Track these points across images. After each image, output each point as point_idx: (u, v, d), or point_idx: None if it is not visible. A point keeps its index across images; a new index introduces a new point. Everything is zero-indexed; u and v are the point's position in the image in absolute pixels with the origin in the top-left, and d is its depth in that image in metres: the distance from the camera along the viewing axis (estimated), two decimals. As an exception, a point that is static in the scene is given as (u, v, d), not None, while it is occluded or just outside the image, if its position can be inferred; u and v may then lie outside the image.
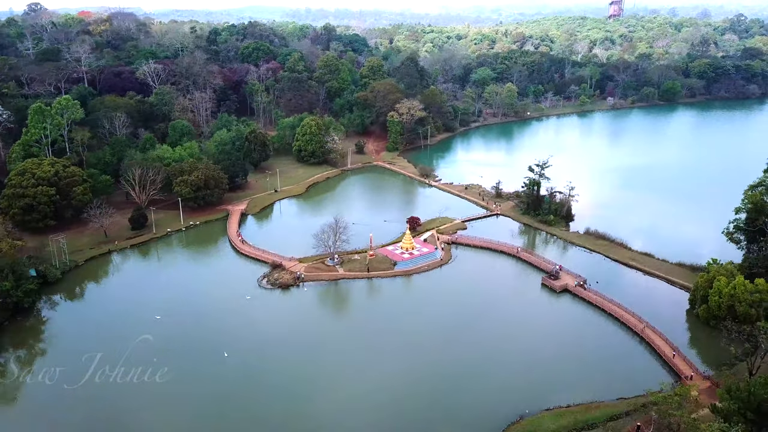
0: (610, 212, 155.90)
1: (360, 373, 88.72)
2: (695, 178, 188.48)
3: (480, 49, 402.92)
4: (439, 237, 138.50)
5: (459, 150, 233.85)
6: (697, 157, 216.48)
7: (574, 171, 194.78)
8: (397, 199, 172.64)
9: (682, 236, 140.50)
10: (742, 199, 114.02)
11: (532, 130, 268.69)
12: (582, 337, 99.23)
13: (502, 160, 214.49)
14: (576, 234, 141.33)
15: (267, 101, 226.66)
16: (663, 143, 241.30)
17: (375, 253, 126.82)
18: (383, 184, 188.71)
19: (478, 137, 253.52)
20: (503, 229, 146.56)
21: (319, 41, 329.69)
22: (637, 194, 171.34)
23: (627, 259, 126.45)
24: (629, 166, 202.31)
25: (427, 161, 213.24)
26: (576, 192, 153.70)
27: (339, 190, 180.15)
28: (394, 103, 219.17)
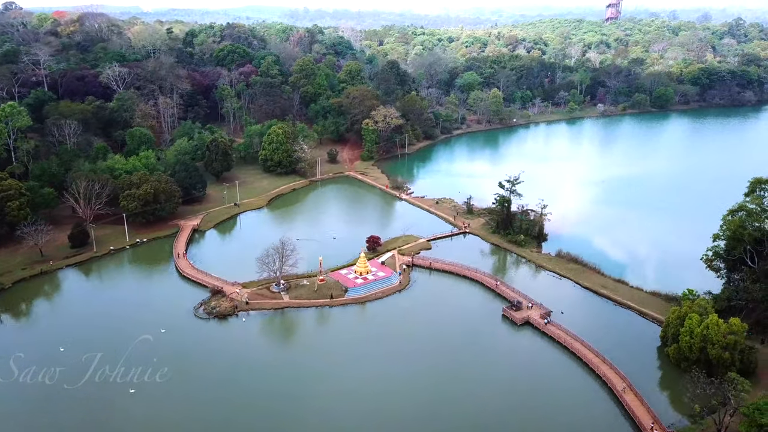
0: (587, 231, 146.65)
1: (294, 419, 79.33)
2: (682, 192, 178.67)
3: (470, 53, 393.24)
4: (400, 258, 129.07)
5: (438, 159, 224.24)
6: (687, 169, 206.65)
7: (555, 183, 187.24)
8: (362, 213, 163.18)
9: (660, 259, 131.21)
10: (721, 225, 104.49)
11: (516, 138, 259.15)
12: (538, 380, 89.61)
13: (481, 171, 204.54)
14: (547, 256, 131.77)
15: (237, 107, 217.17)
16: (651, 153, 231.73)
17: (326, 277, 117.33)
18: (351, 196, 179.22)
19: (459, 145, 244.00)
20: (470, 250, 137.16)
21: (302, 44, 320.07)
22: (618, 210, 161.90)
23: (598, 287, 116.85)
24: (614, 177, 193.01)
25: (403, 171, 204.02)
26: (549, 210, 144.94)
27: (303, 204, 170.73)
28: (370, 110, 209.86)
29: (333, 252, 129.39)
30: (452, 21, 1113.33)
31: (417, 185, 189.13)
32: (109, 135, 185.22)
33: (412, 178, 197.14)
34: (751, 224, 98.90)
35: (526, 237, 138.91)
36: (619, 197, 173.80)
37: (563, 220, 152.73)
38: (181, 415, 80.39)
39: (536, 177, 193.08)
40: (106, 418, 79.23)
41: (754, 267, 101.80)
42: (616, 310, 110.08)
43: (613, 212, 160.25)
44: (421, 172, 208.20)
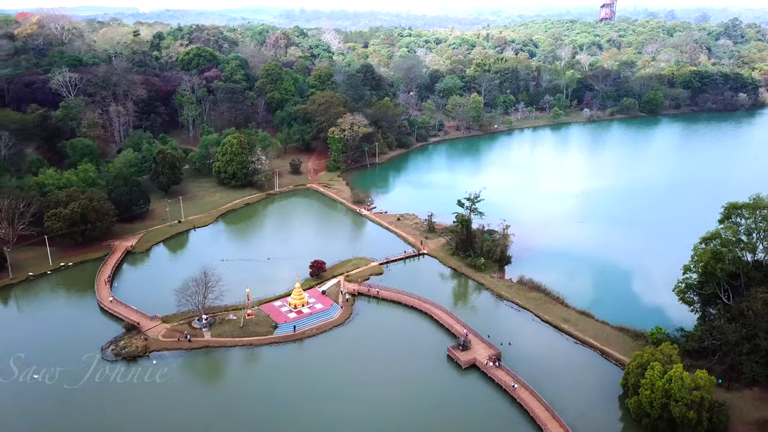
0: (556, 252, 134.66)
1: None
2: (667, 206, 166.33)
3: (456, 55, 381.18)
4: (346, 286, 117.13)
5: (410, 169, 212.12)
6: (674, 180, 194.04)
7: (530, 195, 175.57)
8: (316, 231, 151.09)
9: (633, 287, 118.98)
10: (692, 256, 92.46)
11: (496, 146, 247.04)
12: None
13: (454, 182, 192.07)
14: (507, 283, 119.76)
15: (195, 114, 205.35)
16: (637, 162, 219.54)
17: (255, 311, 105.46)
18: (308, 211, 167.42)
19: (434, 154, 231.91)
20: (426, 275, 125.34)
21: (278, 46, 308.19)
22: (593, 227, 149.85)
23: (559, 321, 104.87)
24: (594, 188, 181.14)
25: (370, 183, 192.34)
26: (516, 229, 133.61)
27: (253, 220, 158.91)
28: (337, 117, 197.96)
29: (274, 277, 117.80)
30: (450, 21, 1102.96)
31: (383, 198, 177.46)
32: (53, 146, 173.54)
33: (378, 191, 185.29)
34: (726, 256, 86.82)
35: (487, 260, 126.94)
36: (598, 212, 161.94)
37: (532, 239, 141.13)
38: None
39: (511, 189, 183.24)
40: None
41: (729, 304, 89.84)
42: (576, 349, 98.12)
43: (588, 230, 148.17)
44: (389, 183, 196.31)
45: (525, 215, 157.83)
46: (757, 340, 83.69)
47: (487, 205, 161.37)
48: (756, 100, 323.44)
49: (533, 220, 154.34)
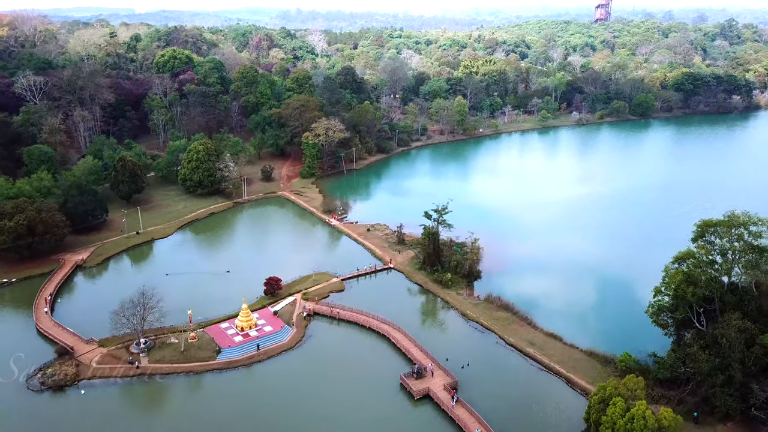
0: (530, 265, 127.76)
1: None
2: (650, 216, 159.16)
3: (445, 56, 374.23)
4: (303, 304, 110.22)
5: (389, 175, 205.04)
6: (660, 187, 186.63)
7: (508, 204, 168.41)
8: (280, 243, 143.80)
9: (608, 306, 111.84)
10: (663, 277, 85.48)
11: (480, 151, 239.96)
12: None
13: (433, 188, 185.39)
14: (474, 301, 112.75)
15: (165, 119, 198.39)
16: (622, 167, 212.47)
17: (199, 333, 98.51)
18: (276, 221, 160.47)
19: (415, 160, 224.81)
20: (389, 291, 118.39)
21: (260, 48, 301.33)
22: (572, 239, 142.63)
23: (525, 344, 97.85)
24: (575, 197, 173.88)
25: (345, 190, 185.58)
26: (488, 242, 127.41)
27: (216, 231, 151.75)
28: (312, 122, 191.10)
29: (227, 294, 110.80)
30: (447, 22, 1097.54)
31: (357, 207, 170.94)
32: (13, 153, 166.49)
33: (353, 199, 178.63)
34: (698, 278, 79.82)
35: (455, 276, 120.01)
36: (578, 222, 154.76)
37: (508, 251, 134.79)
38: None
39: (491, 196, 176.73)
40: None
41: (703, 330, 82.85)
42: (540, 376, 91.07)
43: (566, 242, 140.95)
44: (365, 191, 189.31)
45: (503, 225, 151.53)
46: (731, 371, 76.78)
47: (464, 213, 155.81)
48: (750, 103, 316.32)
49: (511, 230, 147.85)
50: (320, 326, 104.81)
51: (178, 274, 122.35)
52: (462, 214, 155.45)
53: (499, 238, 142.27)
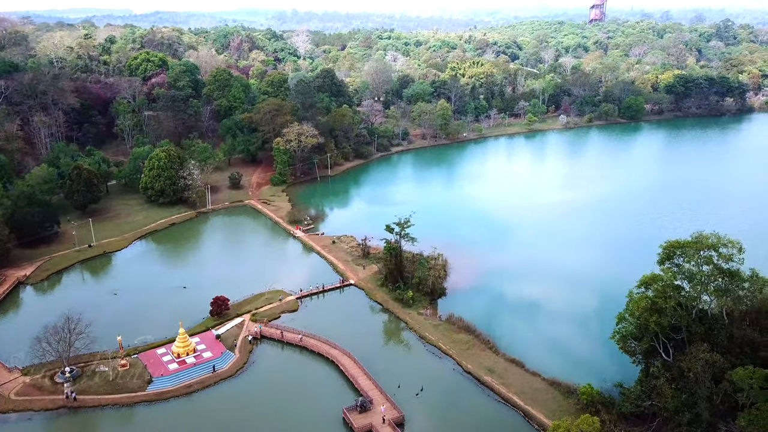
0: (499, 280, 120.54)
1: None
2: (633, 226, 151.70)
3: (434, 58, 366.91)
4: (250, 327, 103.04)
5: (365, 182, 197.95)
6: (645, 195, 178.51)
7: (484, 212, 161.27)
8: (238, 257, 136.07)
9: (578, 328, 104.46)
10: (627, 303, 78.30)
11: (462, 156, 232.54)
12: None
13: (408, 196, 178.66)
14: (435, 321, 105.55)
15: (131, 124, 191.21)
16: (607, 173, 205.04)
17: (131, 360, 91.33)
18: (238, 232, 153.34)
19: (395, 165, 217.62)
20: (346, 311, 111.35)
21: (241, 50, 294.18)
22: (547, 250, 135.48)
23: (483, 371, 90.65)
24: (555, 204, 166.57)
25: (316, 198, 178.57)
26: (457, 255, 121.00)
27: (175, 244, 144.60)
28: (283, 127, 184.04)
29: (179, 313, 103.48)
30: (444, 23, 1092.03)
31: (327, 216, 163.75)
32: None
33: (323, 208, 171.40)
34: (664, 306, 72.60)
35: (417, 293, 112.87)
36: (556, 231, 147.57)
37: (478, 265, 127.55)
38: None
39: (466, 205, 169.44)
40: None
41: (669, 361, 75.69)
42: (497, 408, 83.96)
43: (542, 253, 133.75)
44: (338, 198, 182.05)
45: (478, 234, 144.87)
46: (698, 408, 69.64)
47: (439, 222, 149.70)
48: (743, 105, 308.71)
49: (486, 240, 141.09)
50: (266, 351, 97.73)
51: (128, 290, 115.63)
52: (436, 223, 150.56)
53: (473, 249, 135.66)
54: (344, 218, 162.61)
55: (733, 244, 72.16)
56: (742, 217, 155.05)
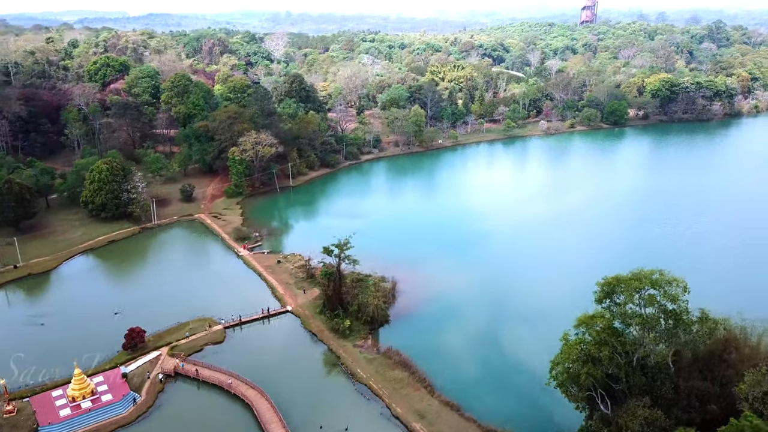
0: (451, 305, 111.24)
1: None
2: (604, 243, 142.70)
3: (416, 61, 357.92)
4: (166, 363, 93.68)
5: (328, 193, 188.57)
6: (621, 209, 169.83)
7: (447, 227, 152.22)
8: (171, 280, 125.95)
9: (527, 365, 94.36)
10: (562, 347, 68.95)
11: (435, 164, 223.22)
12: None
13: (372, 208, 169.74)
14: (371, 354, 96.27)
15: (80, 133, 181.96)
16: (583, 183, 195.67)
17: (19, 405, 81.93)
18: (179, 250, 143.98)
19: (363, 174, 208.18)
20: (277, 343, 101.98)
21: (212, 54, 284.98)
22: (507, 270, 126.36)
23: (414, 416, 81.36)
24: (524, 217, 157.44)
25: (272, 211, 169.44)
26: (406, 278, 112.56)
27: (108, 263, 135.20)
28: (241, 135, 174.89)
29: (99, 344, 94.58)
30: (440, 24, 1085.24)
31: (280, 232, 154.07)
32: None
33: (277, 221, 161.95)
34: (598, 353, 63.27)
35: (357, 322, 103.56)
36: (521, 248, 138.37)
37: (431, 286, 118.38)
38: None
39: (430, 218, 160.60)
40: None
41: (608, 414, 66.32)
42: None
43: (501, 274, 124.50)
44: (295, 211, 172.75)
45: (437, 252, 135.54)
46: (638, 474, 60.37)
47: (396, 239, 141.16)
48: (731, 109, 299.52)
49: (444, 258, 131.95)
50: (178, 391, 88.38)
51: (49, 316, 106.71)
52: (396, 239, 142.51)
53: (431, 267, 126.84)
54: (299, 234, 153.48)
55: (677, 282, 62.87)
56: (720, 234, 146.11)
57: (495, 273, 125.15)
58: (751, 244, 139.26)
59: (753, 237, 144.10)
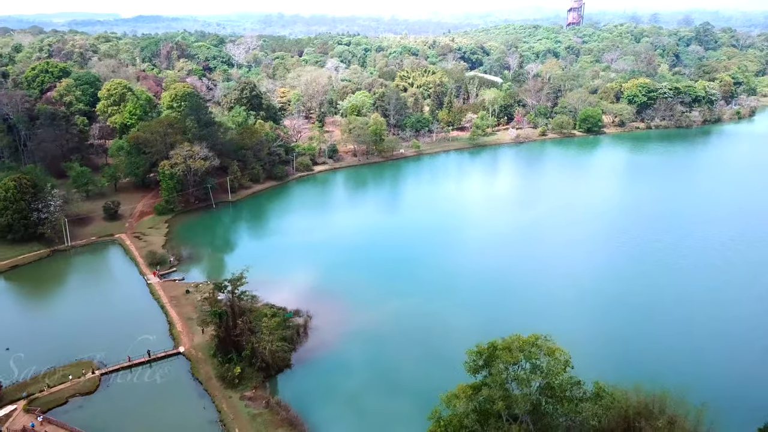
0: (362, 348, 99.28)
1: None
2: (553, 276, 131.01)
3: (389, 65, 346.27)
4: (19, 420, 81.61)
5: (268, 209, 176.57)
6: (580, 228, 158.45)
7: (391, 246, 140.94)
8: (67, 313, 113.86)
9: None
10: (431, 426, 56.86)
11: (391, 176, 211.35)
12: None
13: (313, 224, 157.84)
14: (257, 408, 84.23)
15: (2, 144, 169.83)
16: (542, 199, 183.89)
17: None
18: (87, 276, 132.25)
19: (313, 188, 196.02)
20: (158, 393, 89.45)
21: (170, 59, 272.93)
22: (439, 303, 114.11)
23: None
24: (474, 237, 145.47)
25: (202, 230, 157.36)
26: (309, 317, 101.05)
27: (7, 292, 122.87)
28: (173, 148, 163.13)
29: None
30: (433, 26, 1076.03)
31: (203, 254, 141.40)
32: None
33: (204, 242, 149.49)
34: None
35: (250, 368, 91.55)
36: (463, 273, 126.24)
37: (350, 323, 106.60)
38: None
39: (375, 236, 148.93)
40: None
41: None
42: None
43: (431, 307, 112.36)
44: (228, 230, 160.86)
45: (367, 278, 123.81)
46: None
47: (329, 262, 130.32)
48: (711, 116, 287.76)
49: (373, 287, 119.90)
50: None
51: None
52: (330, 261, 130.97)
53: (357, 298, 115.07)
54: (223, 256, 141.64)
55: (561, 353, 50.85)
56: (679, 255, 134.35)
57: (431, 304, 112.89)
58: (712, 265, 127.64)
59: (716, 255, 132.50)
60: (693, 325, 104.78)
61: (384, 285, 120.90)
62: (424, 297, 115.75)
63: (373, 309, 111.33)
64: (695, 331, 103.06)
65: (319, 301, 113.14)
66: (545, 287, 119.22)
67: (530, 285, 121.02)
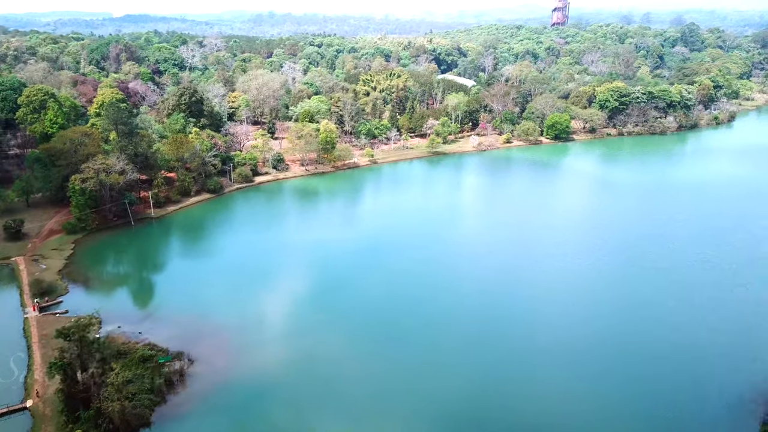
0: (244, 401, 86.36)
1: None
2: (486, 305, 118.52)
3: (357, 67, 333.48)
4: None
5: (198, 226, 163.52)
6: (521, 250, 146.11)
7: (316, 269, 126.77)
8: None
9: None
10: None
11: (337, 187, 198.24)
12: None
13: (240, 244, 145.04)
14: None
15: None
16: (487, 215, 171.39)
17: None
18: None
19: (249, 201, 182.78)
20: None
21: (119, 61, 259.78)
22: (355, 342, 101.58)
23: None
24: (410, 262, 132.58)
25: (112, 252, 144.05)
26: (190, 361, 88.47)
27: None
28: (86, 160, 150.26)
29: None
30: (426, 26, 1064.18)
31: (105, 281, 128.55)
32: None
33: (110, 266, 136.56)
34: None
35: (95, 430, 78.64)
36: (386, 307, 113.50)
37: (241, 366, 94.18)
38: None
39: (302, 257, 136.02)
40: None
41: None
42: None
43: (342, 348, 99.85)
44: (139, 252, 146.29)
45: (272, 314, 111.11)
46: None
47: (232, 292, 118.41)
48: (686, 121, 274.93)
49: (275, 325, 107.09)
50: None
51: None
52: (236, 287, 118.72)
53: (259, 335, 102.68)
54: (128, 283, 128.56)
55: None
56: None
57: (346, 342, 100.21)
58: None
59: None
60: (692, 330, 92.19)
61: (298, 314, 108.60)
62: (344, 334, 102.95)
63: (275, 345, 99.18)
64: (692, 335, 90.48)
65: (213, 339, 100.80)
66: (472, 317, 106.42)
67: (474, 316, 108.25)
